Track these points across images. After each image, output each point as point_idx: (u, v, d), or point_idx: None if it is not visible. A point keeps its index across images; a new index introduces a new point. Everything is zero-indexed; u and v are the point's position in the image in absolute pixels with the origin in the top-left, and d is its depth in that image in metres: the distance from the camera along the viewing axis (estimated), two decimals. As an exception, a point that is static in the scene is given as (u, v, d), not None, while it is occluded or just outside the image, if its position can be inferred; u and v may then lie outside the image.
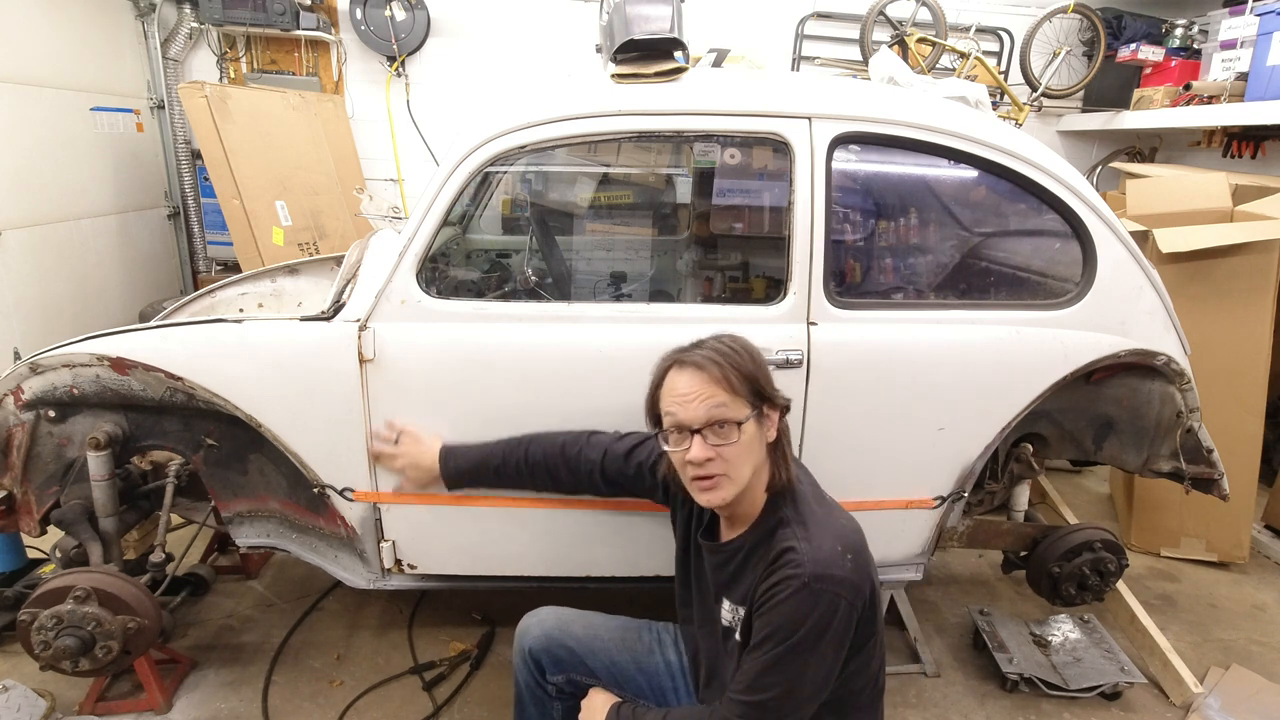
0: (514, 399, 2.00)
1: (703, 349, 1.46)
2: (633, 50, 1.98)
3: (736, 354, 1.45)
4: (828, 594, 1.33)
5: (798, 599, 1.33)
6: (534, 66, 4.70)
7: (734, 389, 1.41)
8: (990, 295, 2.30)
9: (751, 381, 1.43)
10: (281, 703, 2.27)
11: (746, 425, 1.41)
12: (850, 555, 1.38)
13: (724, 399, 1.41)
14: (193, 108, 3.52)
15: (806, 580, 1.33)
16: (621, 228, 3.20)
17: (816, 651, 1.35)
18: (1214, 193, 3.19)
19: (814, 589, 1.33)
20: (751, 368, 1.44)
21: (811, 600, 1.33)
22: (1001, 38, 4.88)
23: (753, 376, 1.44)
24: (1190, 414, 2.32)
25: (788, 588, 1.34)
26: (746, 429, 1.41)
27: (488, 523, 2.13)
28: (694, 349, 1.48)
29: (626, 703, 1.57)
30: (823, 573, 1.33)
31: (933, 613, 2.83)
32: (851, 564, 1.37)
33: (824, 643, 1.35)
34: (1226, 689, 2.44)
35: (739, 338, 1.51)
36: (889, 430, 2.12)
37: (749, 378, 1.43)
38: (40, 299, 3.58)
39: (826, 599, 1.33)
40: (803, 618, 1.33)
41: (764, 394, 1.45)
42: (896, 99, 2.14)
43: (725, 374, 1.41)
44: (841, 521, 1.47)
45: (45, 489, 2.12)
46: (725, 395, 1.41)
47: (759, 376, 1.45)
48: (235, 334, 1.98)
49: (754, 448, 1.44)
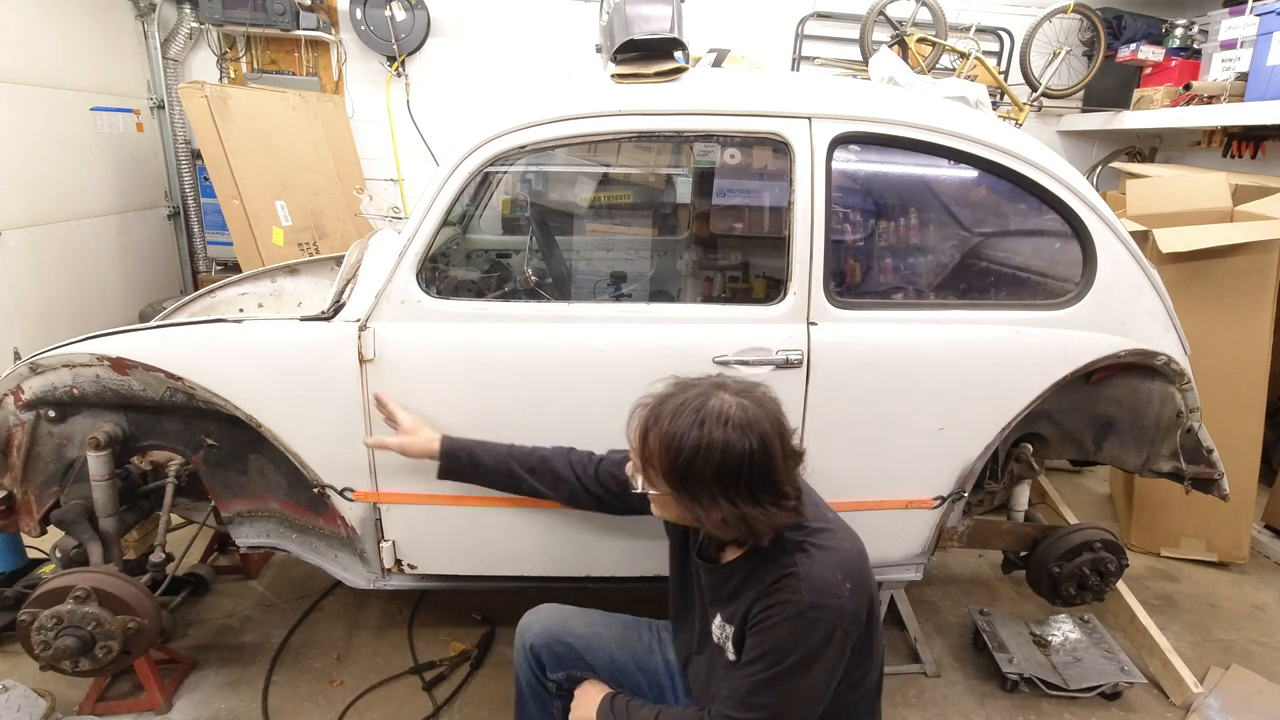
0: (514, 399, 2.00)
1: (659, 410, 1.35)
2: (633, 50, 1.98)
3: (672, 444, 1.30)
4: (823, 623, 1.31)
5: (791, 625, 1.32)
6: (534, 66, 4.70)
7: (645, 467, 1.38)
8: (990, 295, 2.30)
9: (672, 475, 1.33)
10: (281, 703, 2.27)
11: (655, 495, 1.40)
12: (850, 584, 1.35)
13: (637, 462, 1.40)
14: (193, 108, 3.53)
15: (803, 609, 1.31)
16: (621, 228, 3.20)
17: (808, 677, 1.34)
18: (1214, 193, 3.19)
19: (810, 617, 1.31)
20: (680, 466, 1.30)
21: (806, 628, 1.31)
22: (1001, 38, 4.88)
23: (678, 474, 1.32)
24: (1190, 414, 2.32)
25: (782, 613, 1.33)
26: (656, 497, 1.40)
27: (488, 523, 2.13)
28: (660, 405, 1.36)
29: (620, 695, 1.57)
30: (820, 601, 1.32)
31: (933, 613, 2.83)
32: (850, 593, 1.34)
33: (816, 669, 1.34)
34: (1226, 689, 2.44)
35: (736, 418, 1.30)
36: (889, 430, 2.12)
37: (671, 470, 1.32)
38: (40, 299, 3.58)
39: (822, 628, 1.32)
40: (795, 645, 1.32)
41: (690, 493, 1.33)
42: (896, 99, 2.14)
43: (644, 447, 1.36)
44: (845, 545, 1.42)
45: (45, 489, 2.12)
46: (639, 460, 1.39)
47: (689, 479, 1.31)
48: (235, 334, 1.98)
49: (670, 509, 1.41)
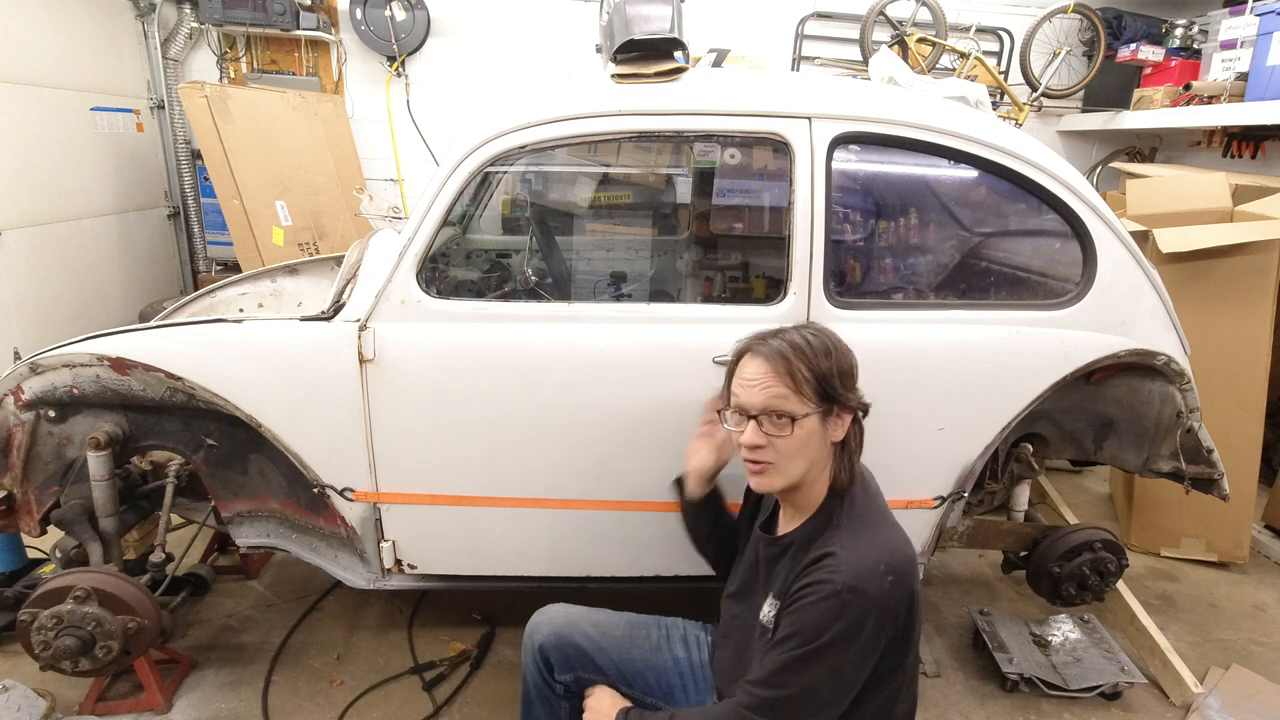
0: (514, 399, 2.01)
1: (779, 338, 1.45)
2: (633, 50, 1.98)
3: (811, 350, 1.42)
4: (856, 607, 1.31)
5: (826, 605, 1.32)
6: (534, 66, 4.70)
7: (797, 385, 1.41)
8: (990, 295, 2.30)
9: (821, 380, 1.41)
10: (281, 703, 2.27)
11: (806, 421, 1.41)
12: (891, 577, 1.34)
13: (784, 392, 1.41)
14: (193, 108, 3.53)
15: (839, 589, 1.31)
16: (621, 228, 3.20)
17: (837, 662, 1.33)
18: (1214, 193, 3.19)
19: (844, 599, 1.31)
20: (824, 366, 1.41)
21: (839, 609, 1.31)
22: (1001, 38, 4.88)
23: (824, 375, 1.41)
24: (1190, 414, 2.32)
25: (818, 592, 1.33)
26: (805, 424, 1.41)
27: (488, 523, 2.14)
28: (772, 337, 1.46)
29: (634, 709, 1.55)
30: (857, 585, 1.31)
31: (933, 613, 2.83)
32: (890, 586, 1.33)
33: (847, 656, 1.33)
34: (1226, 689, 2.44)
35: (826, 333, 1.48)
36: (889, 430, 2.10)
37: (819, 376, 1.41)
38: (40, 299, 3.58)
39: (855, 611, 1.31)
40: (827, 625, 1.31)
41: (833, 395, 1.42)
42: (896, 99, 2.14)
43: (791, 368, 1.40)
44: (895, 543, 1.42)
45: (45, 489, 2.12)
46: (787, 389, 1.41)
47: (832, 376, 1.42)
48: (235, 334, 1.98)
49: (811, 444, 1.43)
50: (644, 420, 2.03)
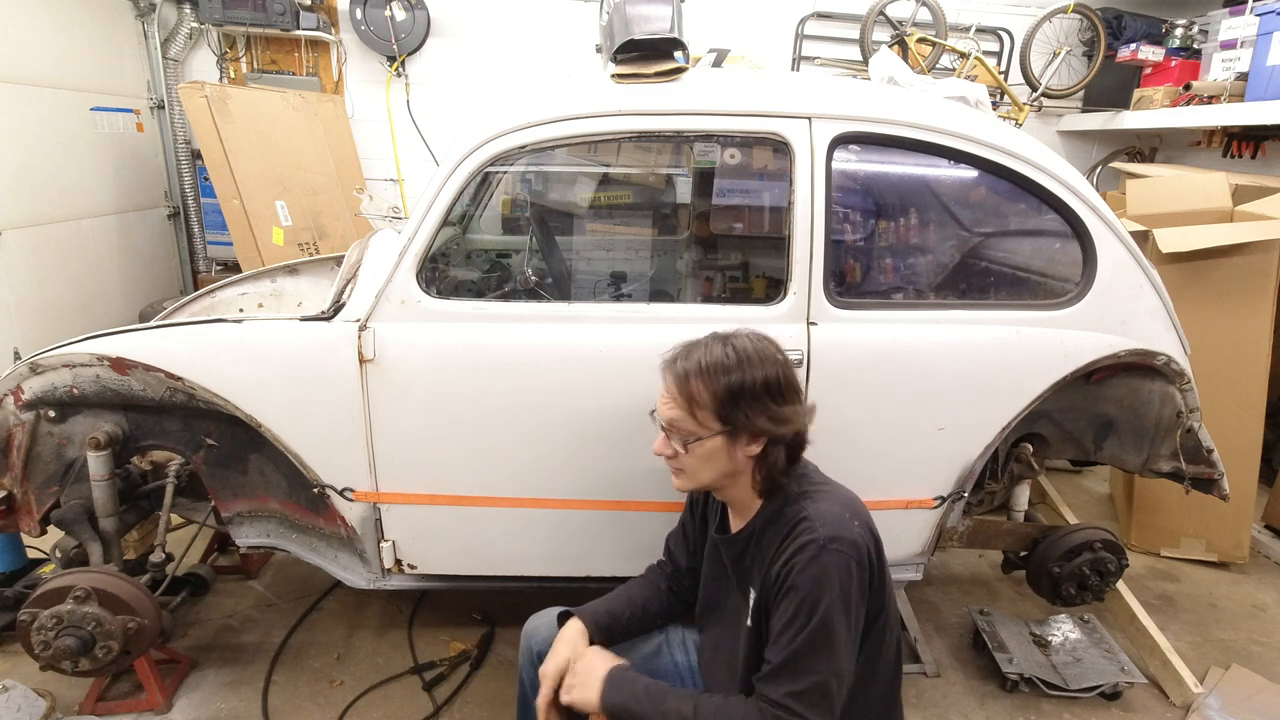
0: (514, 399, 2.01)
1: (691, 358, 1.44)
2: (633, 50, 1.98)
3: (715, 371, 1.40)
4: (842, 555, 1.35)
5: (818, 564, 1.34)
6: (534, 66, 4.70)
7: (693, 409, 1.43)
8: (990, 295, 2.30)
9: (721, 404, 1.40)
10: (281, 703, 2.27)
11: (705, 442, 1.44)
12: (857, 522, 1.41)
13: (681, 415, 1.44)
14: (193, 108, 3.53)
15: (823, 542, 1.35)
16: (621, 228, 3.20)
17: (843, 619, 1.35)
18: (1214, 193, 3.19)
19: (831, 549, 1.34)
20: (725, 387, 1.39)
21: (830, 562, 1.34)
22: (1001, 38, 4.88)
23: (724, 399, 1.40)
24: (1190, 414, 2.32)
25: (806, 554, 1.35)
26: (704, 445, 1.44)
27: (488, 523, 2.14)
28: (687, 354, 1.46)
29: (627, 669, 1.48)
30: (836, 534, 1.36)
31: (933, 613, 2.83)
32: (859, 528, 1.39)
33: (846, 608, 1.35)
34: (1226, 689, 2.44)
35: (745, 348, 1.43)
36: (889, 430, 2.12)
37: (719, 400, 1.40)
38: (40, 299, 3.58)
39: (841, 560, 1.35)
40: (825, 583, 1.34)
41: (734, 421, 1.41)
42: (896, 99, 2.14)
43: (689, 392, 1.42)
44: (843, 492, 1.50)
45: (45, 489, 2.12)
46: (683, 413, 1.44)
47: (736, 399, 1.40)
48: (235, 334, 1.98)
49: (715, 460, 1.45)
50: (644, 420, 2.02)
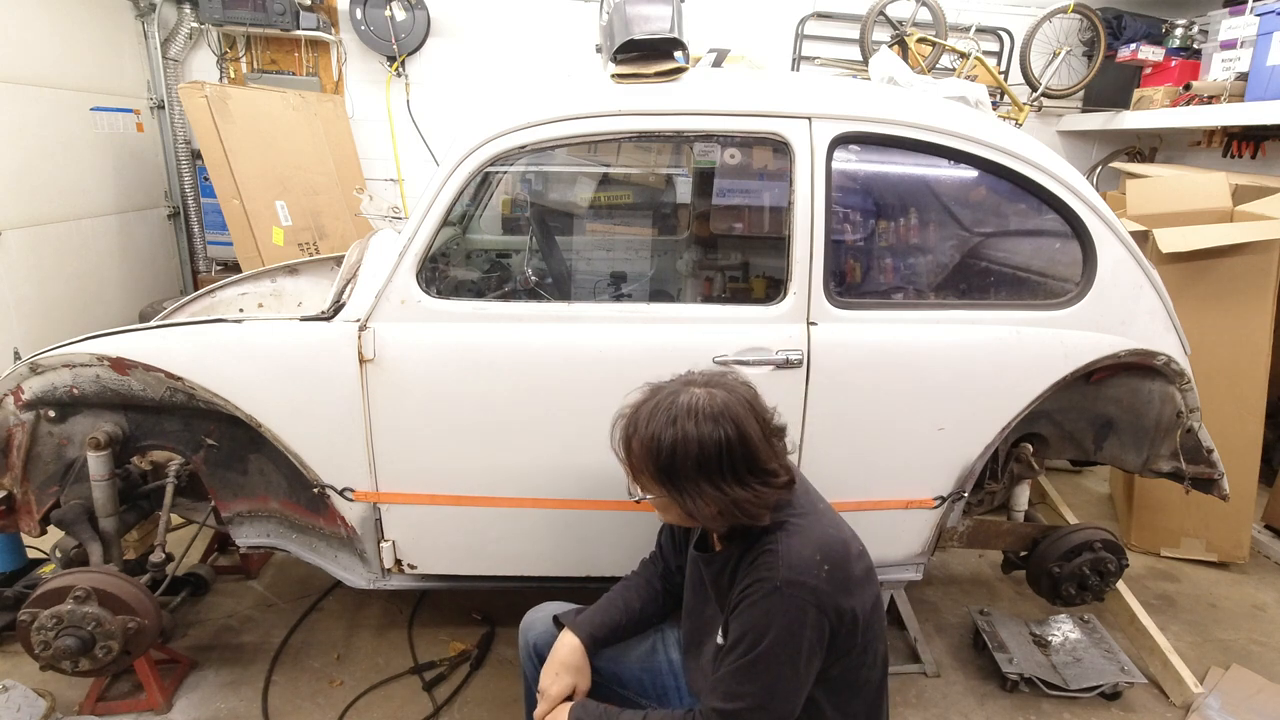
0: (514, 399, 2.00)
1: (635, 422, 1.39)
2: (633, 50, 1.98)
3: (656, 450, 1.35)
4: (796, 600, 1.32)
5: (768, 602, 1.33)
6: (534, 66, 4.70)
7: (634, 472, 1.43)
8: (990, 295, 2.30)
9: (664, 474, 1.37)
10: (281, 703, 2.27)
11: (653, 499, 1.43)
12: (828, 566, 1.35)
13: (632, 475, 1.45)
14: (193, 108, 3.53)
15: (779, 584, 1.32)
16: (621, 228, 3.20)
17: (788, 660, 1.33)
18: (1214, 193, 3.19)
19: (785, 593, 1.32)
20: (665, 468, 1.35)
21: (781, 604, 1.32)
22: (1001, 38, 4.88)
23: (666, 471, 1.36)
24: (1190, 414, 2.32)
25: (759, 589, 1.34)
26: (654, 499, 1.43)
27: (488, 523, 2.14)
28: (635, 413, 1.41)
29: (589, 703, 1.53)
30: (794, 578, 1.33)
31: (933, 613, 2.83)
32: (827, 575, 1.34)
33: (793, 652, 1.33)
34: (1226, 689, 2.44)
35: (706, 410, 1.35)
36: (889, 430, 2.12)
37: (663, 471, 1.36)
38: (40, 299, 3.58)
39: (795, 604, 1.32)
40: (770, 621, 1.32)
41: (680, 488, 1.37)
42: (896, 99, 2.14)
43: (632, 459, 1.41)
44: (829, 531, 1.43)
45: (45, 489, 2.12)
46: (629, 471, 1.44)
47: (675, 475, 1.36)
48: (235, 334, 1.98)
49: (670, 511, 1.45)
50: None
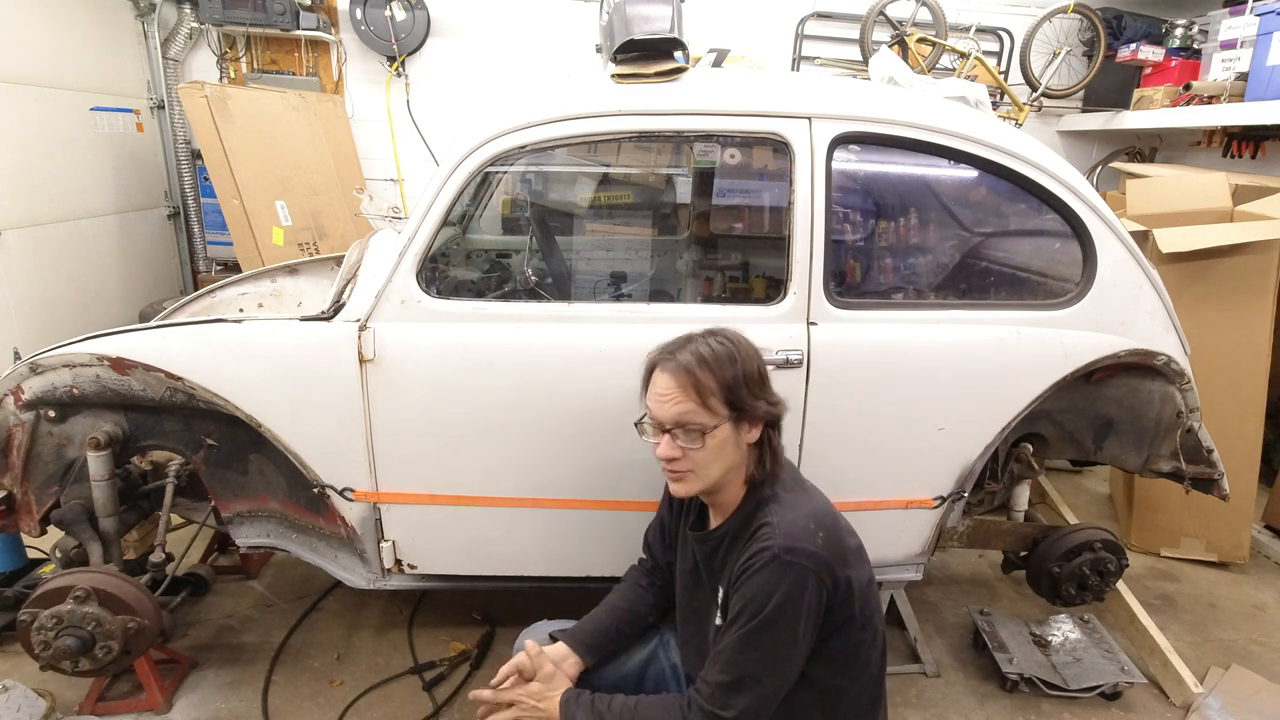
0: (514, 399, 2.00)
1: (686, 351, 1.46)
2: (633, 50, 1.98)
3: (718, 361, 1.44)
4: (797, 566, 1.36)
5: (769, 570, 1.36)
6: (534, 66, 4.70)
7: (704, 398, 1.44)
8: (990, 295, 2.30)
9: (728, 390, 1.44)
10: (281, 703, 2.27)
11: (717, 431, 1.44)
12: (822, 533, 1.41)
13: (693, 406, 1.44)
14: (193, 108, 3.53)
15: (777, 552, 1.36)
16: (621, 228, 3.20)
17: (787, 629, 1.36)
18: (1214, 193, 3.19)
19: (784, 560, 1.36)
20: (731, 376, 1.44)
21: (781, 572, 1.35)
22: (1001, 38, 4.88)
23: (731, 385, 1.44)
24: (1190, 414, 2.32)
25: (759, 560, 1.38)
26: (717, 434, 1.45)
27: (488, 523, 2.14)
28: (681, 348, 1.48)
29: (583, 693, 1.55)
30: (793, 545, 1.37)
31: (933, 613, 2.83)
32: (823, 541, 1.40)
33: (793, 620, 1.36)
34: (1226, 689, 2.44)
35: (733, 339, 1.49)
36: (889, 430, 2.12)
37: (726, 386, 1.43)
38: (40, 299, 3.58)
39: (796, 571, 1.35)
40: (773, 589, 1.36)
41: (740, 405, 1.45)
42: (896, 99, 2.14)
43: (698, 382, 1.43)
44: (817, 502, 1.51)
45: (45, 489, 2.12)
46: (695, 404, 1.44)
47: (740, 386, 1.44)
48: (235, 334, 1.98)
49: (725, 451, 1.47)
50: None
